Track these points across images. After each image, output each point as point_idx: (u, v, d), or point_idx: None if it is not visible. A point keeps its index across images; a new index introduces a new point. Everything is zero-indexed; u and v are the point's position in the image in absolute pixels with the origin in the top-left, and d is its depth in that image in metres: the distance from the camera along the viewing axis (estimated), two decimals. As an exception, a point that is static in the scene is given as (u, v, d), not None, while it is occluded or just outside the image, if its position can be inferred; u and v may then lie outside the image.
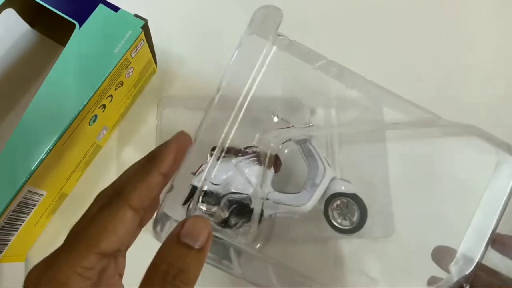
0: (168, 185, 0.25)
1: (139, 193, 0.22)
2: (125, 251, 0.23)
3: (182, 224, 0.21)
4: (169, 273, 0.19)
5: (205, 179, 0.40)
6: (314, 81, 0.50)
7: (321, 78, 0.50)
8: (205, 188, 0.41)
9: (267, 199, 0.41)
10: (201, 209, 0.41)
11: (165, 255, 0.20)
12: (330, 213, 0.42)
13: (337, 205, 0.42)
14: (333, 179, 0.42)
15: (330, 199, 0.42)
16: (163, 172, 0.23)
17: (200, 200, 0.42)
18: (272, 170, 0.43)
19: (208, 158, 0.42)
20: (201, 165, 0.42)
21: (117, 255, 0.23)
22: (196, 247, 0.20)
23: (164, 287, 0.19)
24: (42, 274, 0.20)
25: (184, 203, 0.42)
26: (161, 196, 0.25)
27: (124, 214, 0.21)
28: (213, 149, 0.43)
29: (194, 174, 0.42)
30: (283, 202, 0.41)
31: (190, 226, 0.21)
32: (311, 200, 0.41)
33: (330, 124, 0.48)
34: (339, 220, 0.42)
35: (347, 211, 0.42)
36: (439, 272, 0.45)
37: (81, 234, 0.21)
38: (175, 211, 0.28)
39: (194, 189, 0.42)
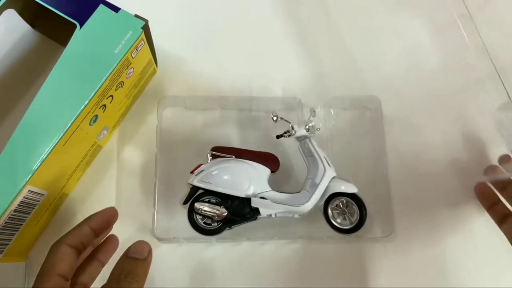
0: None
1: (72, 236, 0.32)
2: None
3: (129, 247, 0.31)
4: (121, 275, 0.28)
5: (203, 180, 0.41)
6: (314, 81, 0.50)
7: (321, 79, 0.51)
8: (204, 187, 0.41)
9: (266, 199, 0.41)
10: (200, 209, 0.41)
11: (118, 266, 0.30)
12: (329, 212, 0.41)
13: (336, 205, 0.41)
14: (333, 178, 0.42)
15: (329, 198, 0.41)
16: (92, 226, 0.33)
17: (199, 200, 0.42)
18: (269, 170, 0.43)
19: (208, 158, 0.43)
20: (200, 165, 0.42)
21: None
22: (141, 258, 0.30)
23: (118, 286, 0.28)
24: None
25: (184, 203, 0.42)
26: None
27: (64, 248, 0.31)
28: (213, 149, 0.43)
29: (192, 173, 0.42)
30: (282, 202, 0.41)
31: (135, 246, 0.31)
32: (311, 200, 0.41)
33: (330, 123, 0.48)
34: (338, 220, 0.41)
35: (347, 211, 0.42)
36: (440, 275, 0.46)
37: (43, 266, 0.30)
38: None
39: (194, 188, 0.42)
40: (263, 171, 0.42)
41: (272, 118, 0.42)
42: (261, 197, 0.41)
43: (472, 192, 0.47)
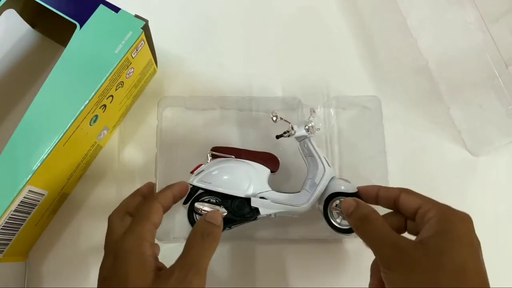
0: None
1: (162, 196, 0.36)
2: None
3: (205, 213, 0.36)
4: (203, 233, 0.33)
5: (203, 180, 0.41)
6: (313, 81, 0.50)
7: (321, 79, 0.51)
8: (204, 187, 0.41)
9: (265, 199, 0.41)
10: (200, 209, 0.41)
11: (200, 226, 0.34)
12: (329, 212, 0.41)
13: (336, 205, 0.41)
14: (332, 178, 0.41)
15: (329, 198, 0.41)
16: (174, 193, 0.37)
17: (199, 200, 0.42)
18: (269, 170, 0.43)
19: (208, 158, 0.43)
20: (200, 165, 0.42)
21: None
22: (217, 224, 0.34)
23: (201, 240, 0.33)
24: (126, 232, 0.33)
25: (185, 203, 0.42)
26: None
27: (157, 204, 0.35)
28: (213, 149, 0.43)
29: (192, 173, 0.42)
30: (281, 201, 0.41)
31: (211, 214, 0.35)
32: (310, 200, 0.41)
33: (330, 124, 0.48)
34: (338, 220, 0.41)
35: None
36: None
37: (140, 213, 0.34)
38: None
39: (194, 188, 0.42)
40: (263, 171, 0.42)
41: (272, 118, 0.42)
42: (261, 197, 0.41)
43: (472, 192, 0.47)
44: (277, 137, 0.42)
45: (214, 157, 0.43)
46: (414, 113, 0.50)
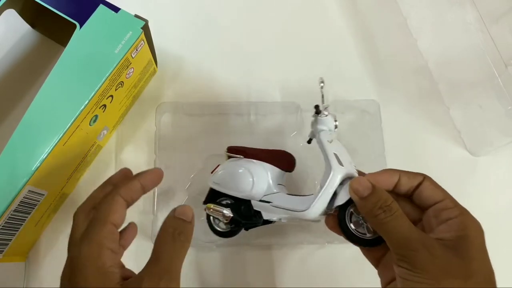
0: None
1: (125, 188, 0.32)
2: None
3: (174, 209, 0.31)
4: (174, 232, 0.30)
5: (214, 181, 0.40)
6: (312, 86, 0.50)
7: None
8: (215, 188, 0.40)
9: (269, 202, 0.37)
10: (207, 209, 0.40)
11: (170, 224, 0.30)
12: (347, 221, 0.33)
13: (351, 213, 0.34)
14: (347, 180, 0.34)
15: (346, 205, 0.33)
16: (142, 183, 0.33)
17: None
18: (280, 170, 0.40)
19: (226, 158, 0.41)
20: (218, 165, 0.41)
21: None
22: (188, 220, 0.31)
23: (172, 241, 0.29)
24: (83, 238, 0.29)
25: (204, 203, 0.41)
26: None
27: (118, 199, 0.31)
28: (228, 149, 0.41)
29: (212, 173, 0.41)
30: (283, 206, 0.36)
31: (181, 209, 0.31)
32: (314, 206, 0.34)
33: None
34: (360, 230, 0.33)
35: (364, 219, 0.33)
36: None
37: (97, 213, 0.31)
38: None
39: (212, 189, 0.41)
40: (272, 171, 0.39)
41: (320, 84, 0.37)
42: (263, 200, 0.38)
43: (472, 192, 0.47)
44: (316, 108, 0.37)
45: (229, 157, 0.41)
46: (414, 113, 0.50)
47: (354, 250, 0.44)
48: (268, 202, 0.38)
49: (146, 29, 0.40)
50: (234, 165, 0.40)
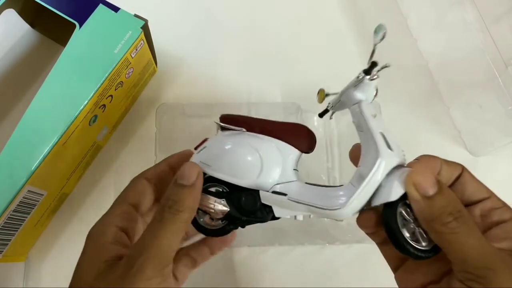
0: None
1: (151, 170, 0.31)
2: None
3: (177, 172, 0.27)
4: (166, 205, 0.26)
5: (202, 161, 0.29)
6: (313, 86, 0.50)
7: (320, 81, 0.50)
8: (206, 171, 0.29)
9: (285, 194, 0.28)
10: (205, 203, 0.29)
11: (165, 196, 0.27)
12: (400, 224, 0.25)
13: (400, 213, 0.25)
14: (396, 168, 0.26)
15: (396, 203, 0.25)
16: (170, 164, 0.32)
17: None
18: (297, 151, 0.29)
19: (217, 130, 0.31)
20: (205, 139, 0.31)
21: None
22: (188, 184, 0.26)
23: (162, 216, 0.25)
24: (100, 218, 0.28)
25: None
26: None
27: (141, 181, 0.30)
28: (222, 118, 0.31)
29: (196, 149, 0.31)
30: (306, 201, 0.27)
31: (182, 170, 0.27)
32: (351, 202, 0.25)
33: (329, 128, 0.48)
34: (407, 234, 0.25)
35: (418, 223, 0.25)
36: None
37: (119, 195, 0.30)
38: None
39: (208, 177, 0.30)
40: (286, 152, 0.29)
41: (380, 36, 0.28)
42: (276, 192, 0.28)
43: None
44: (372, 66, 0.29)
45: (223, 129, 0.31)
46: (414, 113, 0.50)
47: (354, 251, 0.45)
48: (284, 194, 0.28)
49: (145, 29, 0.40)
50: (232, 141, 0.29)
